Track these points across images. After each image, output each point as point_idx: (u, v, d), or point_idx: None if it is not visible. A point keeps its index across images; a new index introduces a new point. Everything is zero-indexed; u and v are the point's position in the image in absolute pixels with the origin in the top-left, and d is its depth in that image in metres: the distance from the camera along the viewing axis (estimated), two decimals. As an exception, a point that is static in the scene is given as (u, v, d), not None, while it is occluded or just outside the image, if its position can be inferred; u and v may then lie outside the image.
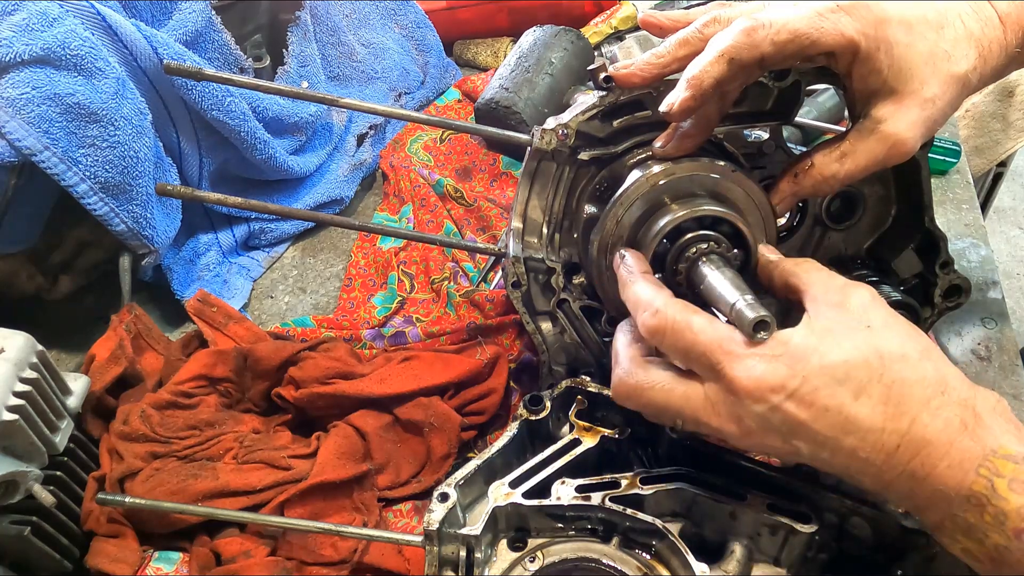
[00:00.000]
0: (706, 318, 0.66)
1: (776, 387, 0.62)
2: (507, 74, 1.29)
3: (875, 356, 0.61)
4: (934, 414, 0.60)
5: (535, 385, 0.99)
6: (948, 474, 0.59)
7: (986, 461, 0.58)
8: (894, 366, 0.61)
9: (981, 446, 0.59)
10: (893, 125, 0.72)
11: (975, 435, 0.59)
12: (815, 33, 0.70)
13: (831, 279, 0.69)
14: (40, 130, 0.93)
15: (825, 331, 0.63)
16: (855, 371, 0.61)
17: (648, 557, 0.75)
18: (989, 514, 0.58)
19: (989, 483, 0.58)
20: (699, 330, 0.65)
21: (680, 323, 0.66)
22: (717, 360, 0.64)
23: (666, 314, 0.67)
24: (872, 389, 0.61)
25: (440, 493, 0.76)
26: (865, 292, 0.67)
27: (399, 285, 1.17)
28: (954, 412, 0.60)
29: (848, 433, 0.61)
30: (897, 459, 0.60)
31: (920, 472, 0.60)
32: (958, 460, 0.59)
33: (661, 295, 0.70)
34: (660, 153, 0.80)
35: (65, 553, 0.85)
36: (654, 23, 0.84)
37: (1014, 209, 3.48)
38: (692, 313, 0.67)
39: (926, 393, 0.61)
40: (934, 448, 0.59)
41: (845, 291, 0.67)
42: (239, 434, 0.94)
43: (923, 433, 0.60)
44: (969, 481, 0.58)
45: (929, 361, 0.63)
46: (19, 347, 0.81)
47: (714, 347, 0.64)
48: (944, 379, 0.62)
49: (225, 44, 1.17)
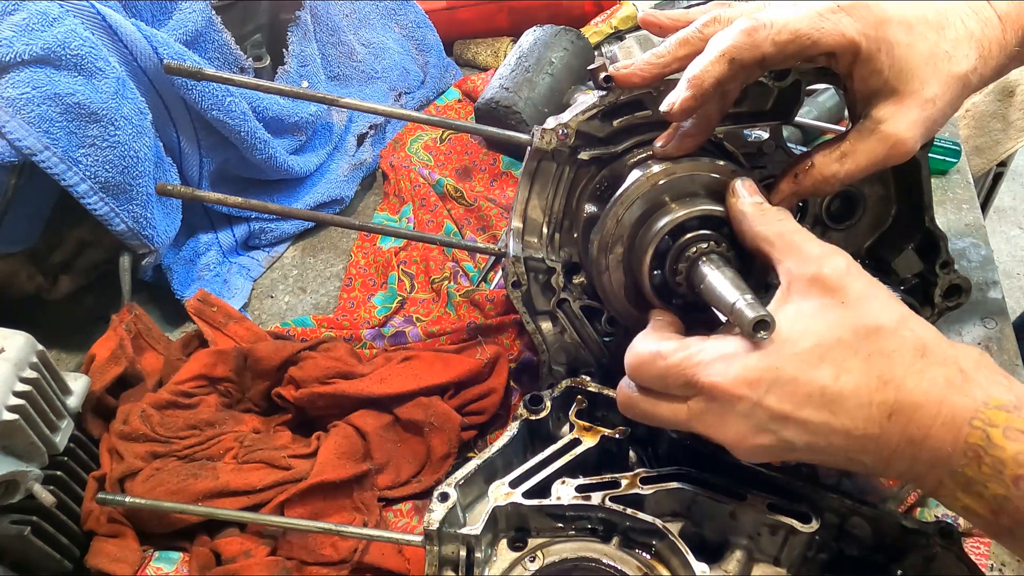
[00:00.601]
0: (674, 340, 0.68)
1: (752, 382, 0.62)
2: (507, 74, 1.29)
3: (849, 333, 0.62)
4: (919, 376, 0.60)
5: (535, 385, 0.99)
6: (943, 432, 0.59)
7: (978, 413, 0.59)
8: (870, 339, 0.62)
9: (971, 399, 0.59)
10: (893, 125, 0.72)
11: (963, 390, 0.60)
12: (816, 33, 0.70)
13: (805, 245, 0.68)
14: (40, 130, 0.93)
15: (795, 317, 0.64)
16: (830, 352, 0.61)
17: (648, 557, 0.75)
18: (987, 464, 0.58)
19: (984, 434, 0.58)
20: (667, 353, 0.67)
21: (650, 354, 0.68)
22: (691, 374, 0.65)
23: (636, 350, 0.70)
24: (851, 365, 0.61)
25: (440, 493, 0.76)
26: (840, 260, 0.66)
27: (399, 285, 1.17)
28: (938, 372, 0.61)
29: (836, 414, 0.61)
30: (892, 428, 0.60)
31: (917, 435, 0.60)
32: (950, 416, 0.59)
33: (639, 336, 0.72)
34: (661, 153, 0.80)
35: (65, 553, 0.85)
36: (654, 22, 0.84)
37: (1014, 209, 3.48)
38: (660, 340, 0.69)
39: (906, 359, 0.61)
40: (925, 409, 0.60)
41: (820, 261, 0.66)
42: (239, 434, 0.94)
43: (911, 397, 0.60)
44: (964, 434, 0.59)
45: (906, 328, 0.63)
46: (19, 347, 0.81)
47: (684, 364, 0.66)
48: (923, 342, 0.62)
49: (225, 44, 1.17)
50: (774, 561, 0.76)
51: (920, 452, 0.61)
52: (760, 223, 0.72)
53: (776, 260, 0.69)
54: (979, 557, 0.83)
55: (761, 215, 0.73)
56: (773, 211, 0.73)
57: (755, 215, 0.73)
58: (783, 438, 0.63)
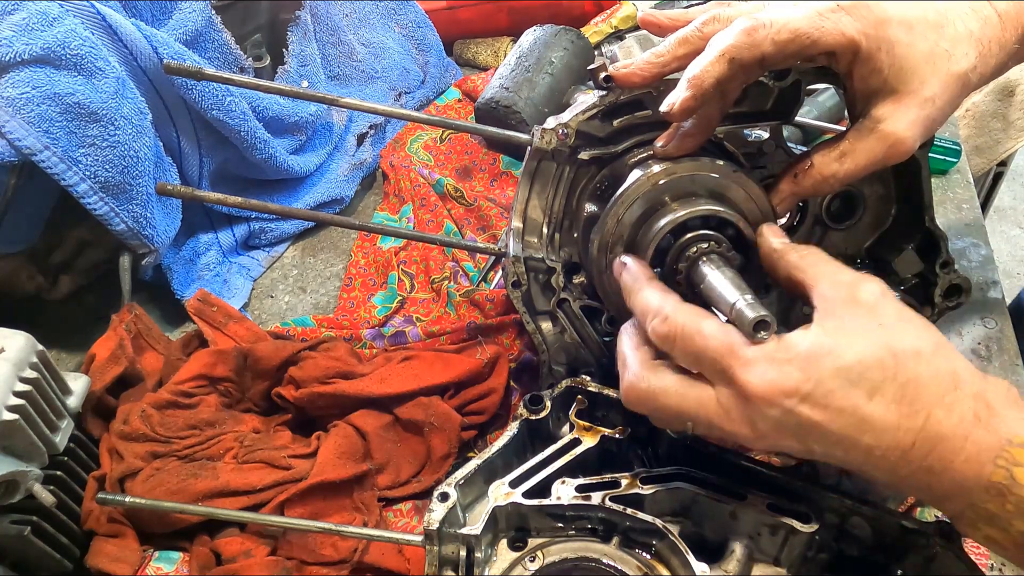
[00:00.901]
0: (716, 323, 0.66)
1: (789, 391, 0.61)
2: (507, 74, 1.29)
3: (888, 355, 0.61)
4: (948, 409, 0.60)
5: (535, 385, 0.99)
6: (965, 467, 0.59)
7: (1003, 452, 0.58)
8: (908, 364, 0.61)
9: (996, 437, 0.59)
10: (892, 124, 0.72)
11: (989, 426, 0.59)
12: (816, 33, 0.70)
13: (839, 273, 0.68)
14: (40, 130, 0.93)
15: (836, 331, 0.63)
16: (869, 371, 0.61)
17: (648, 557, 0.75)
18: (1011, 503, 0.58)
19: (1008, 473, 0.58)
20: (709, 335, 0.65)
21: (690, 328, 0.66)
22: (728, 365, 0.64)
23: (676, 320, 0.67)
24: (886, 388, 0.61)
25: (440, 493, 0.76)
26: (875, 286, 0.66)
27: (399, 285, 1.17)
28: (968, 406, 0.60)
29: (863, 433, 0.61)
30: (912, 455, 0.60)
31: (937, 467, 0.60)
32: (975, 453, 0.59)
33: (669, 300, 0.69)
34: (661, 153, 0.80)
35: (65, 553, 0.85)
36: (654, 22, 0.84)
37: (1014, 208, 3.48)
38: (702, 318, 0.66)
39: (939, 389, 0.61)
40: (949, 443, 0.59)
41: (854, 286, 0.66)
42: (239, 434, 0.94)
43: (938, 429, 0.60)
44: (987, 472, 0.59)
45: (941, 356, 0.62)
46: (19, 347, 0.81)
47: (725, 352, 0.64)
48: (956, 373, 0.62)
49: (225, 44, 1.17)
50: (774, 561, 0.76)
51: (938, 482, 0.61)
52: (793, 255, 0.71)
53: (810, 287, 0.68)
54: (979, 557, 0.83)
55: (792, 249, 0.72)
56: (804, 246, 0.73)
57: (786, 249, 0.73)
58: (806, 444, 0.63)
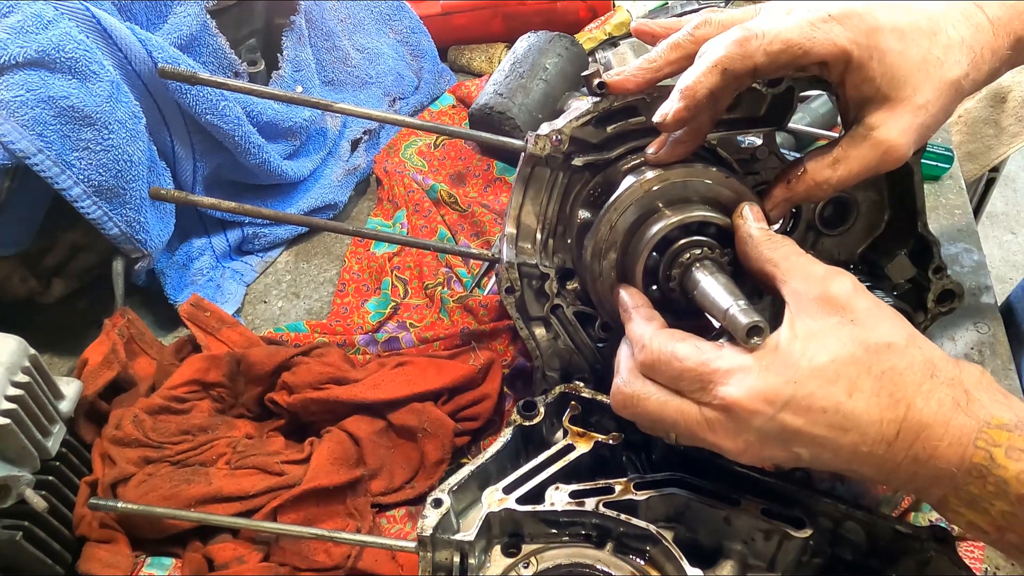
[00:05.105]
0: (689, 344, 0.67)
1: (770, 398, 0.62)
2: (501, 80, 1.30)
3: (862, 350, 0.62)
4: (927, 397, 0.61)
5: (529, 391, 0.99)
6: (949, 452, 0.60)
7: (982, 433, 0.60)
8: (882, 357, 0.62)
9: (975, 420, 0.60)
10: (886, 132, 0.73)
11: (968, 411, 0.61)
12: (807, 43, 0.70)
13: (810, 267, 0.68)
14: (34, 133, 0.92)
15: (809, 332, 0.64)
16: (845, 368, 0.62)
17: (642, 562, 0.75)
18: (991, 483, 0.59)
19: (988, 454, 0.59)
20: (684, 357, 0.66)
21: (665, 354, 0.68)
22: (708, 381, 0.65)
23: (651, 348, 0.69)
24: (863, 383, 0.61)
25: (434, 499, 0.76)
26: (846, 280, 0.67)
27: (393, 290, 1.17)
28: (946, 392, 0.61)
29: (847, 430, 0.61)
30: (898, 446, 0.61)
31: (923, 455, 0.61)
32: (956, 437, 0.60)
33: (649, 329, 0.71)
34: (653, 160, 0.80)
35: (57, 558, 0.85)
36: (647, 31, 0.84)
37: (1006, 214, 3.49)
38: (676, 341, 0.68)
39: (916, 378, 0.62)
40: (932, 430, 0.61)
41: (825, 281, 0.67)
42: (232, 439, 0.94)
43: (919, 417, 0.61)
44: (969, 455, 0.60)
45: (915, 347, 0.63)
46: (11, 351, 0.80)
47: (701, 370, 0.65)
48: (931, 362, 0.63)
49: (220, 48, 1.16)
50: (768, 566, 0.76)
51: (924, 470, 0.61)
52: (766, 247, 0.72)
53: (781, 281, 0.69)
54: (973, 561, 0.83)
55: (767, 239, 0.73)
56: (778, 237, 0.73)
57: (761, 238, 0.73)
58: (792, 451, 0.64)
